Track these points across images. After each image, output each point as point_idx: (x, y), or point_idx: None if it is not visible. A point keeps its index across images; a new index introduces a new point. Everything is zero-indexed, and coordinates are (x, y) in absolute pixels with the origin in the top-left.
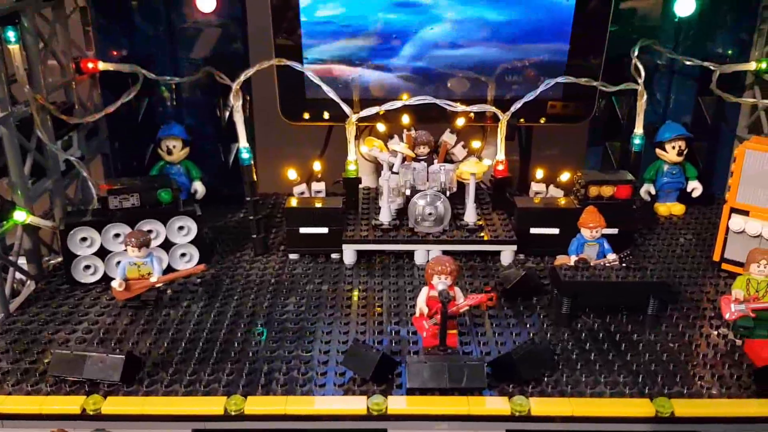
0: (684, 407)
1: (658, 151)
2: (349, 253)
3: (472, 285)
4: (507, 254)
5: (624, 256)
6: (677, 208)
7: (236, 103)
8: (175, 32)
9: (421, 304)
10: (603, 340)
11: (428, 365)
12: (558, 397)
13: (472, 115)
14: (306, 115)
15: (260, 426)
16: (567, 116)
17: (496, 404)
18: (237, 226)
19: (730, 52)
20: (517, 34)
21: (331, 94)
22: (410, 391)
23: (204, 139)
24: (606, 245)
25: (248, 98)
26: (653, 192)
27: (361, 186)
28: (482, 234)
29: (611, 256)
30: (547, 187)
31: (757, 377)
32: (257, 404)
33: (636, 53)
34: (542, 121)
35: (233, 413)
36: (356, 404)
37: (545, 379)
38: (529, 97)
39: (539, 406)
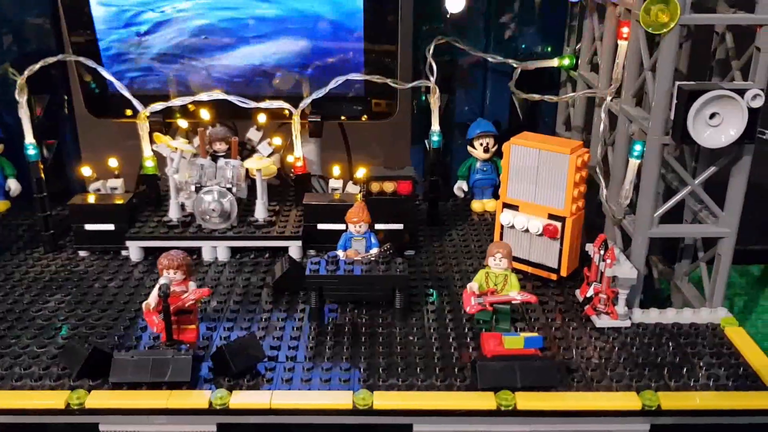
0: (383, 400)
1: (469, 148)
2: (134, 250)
3: (248, 282)
4: (294, 250)
5: (385, 250)
6: (491, 205)
7: (21, 98)
8: None
9: (150, 298)
10: (346, 334)
11: (133, 360)
12: (264, 390)
13: (287, 112)
14: (128, 112)
15: None
16: (375, 114)
17: (197, 398)
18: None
19: (549, 49)
20: (322, 33)
21: (123, 90)
22: (116, 386)
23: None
24: (373, 240)
25: (66, 97)
26: (466, 189)
27: None
28: (269, 230)
29: (374, 251)
30: (344, 183)
31: (473, 369)
32: None
33: (431, 51)
34: (364, 118)
35: None
36: (56, 399)
37: (266, 372)
38: (318, 94)
39: (238, 398)
